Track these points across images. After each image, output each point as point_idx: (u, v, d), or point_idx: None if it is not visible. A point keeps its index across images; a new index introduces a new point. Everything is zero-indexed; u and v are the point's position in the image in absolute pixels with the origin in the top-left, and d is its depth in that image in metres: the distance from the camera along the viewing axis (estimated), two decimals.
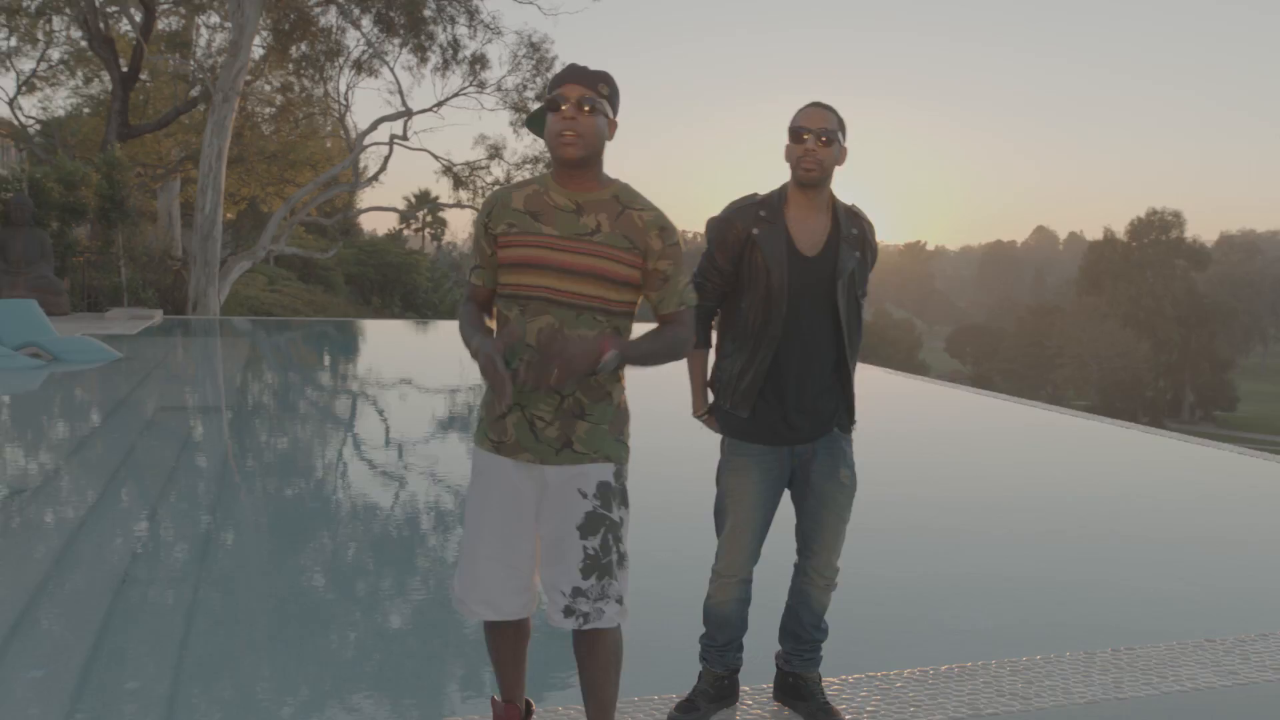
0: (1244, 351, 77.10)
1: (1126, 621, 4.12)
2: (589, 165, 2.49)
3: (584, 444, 2.50)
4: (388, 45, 24.33)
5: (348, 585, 4.37)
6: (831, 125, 2.85)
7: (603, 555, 2.49)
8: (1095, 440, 8.94)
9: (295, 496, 5.94)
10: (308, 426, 8.41)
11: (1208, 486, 7.10)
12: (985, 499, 6.32)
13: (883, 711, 3.18)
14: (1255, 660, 3.69)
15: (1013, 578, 4.75)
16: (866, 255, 2.98)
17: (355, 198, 32.09)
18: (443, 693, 3.34)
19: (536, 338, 2.45)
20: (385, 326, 19.75)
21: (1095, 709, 3.26)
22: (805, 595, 3.10)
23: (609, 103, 2.49)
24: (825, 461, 2.99)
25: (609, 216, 2.49)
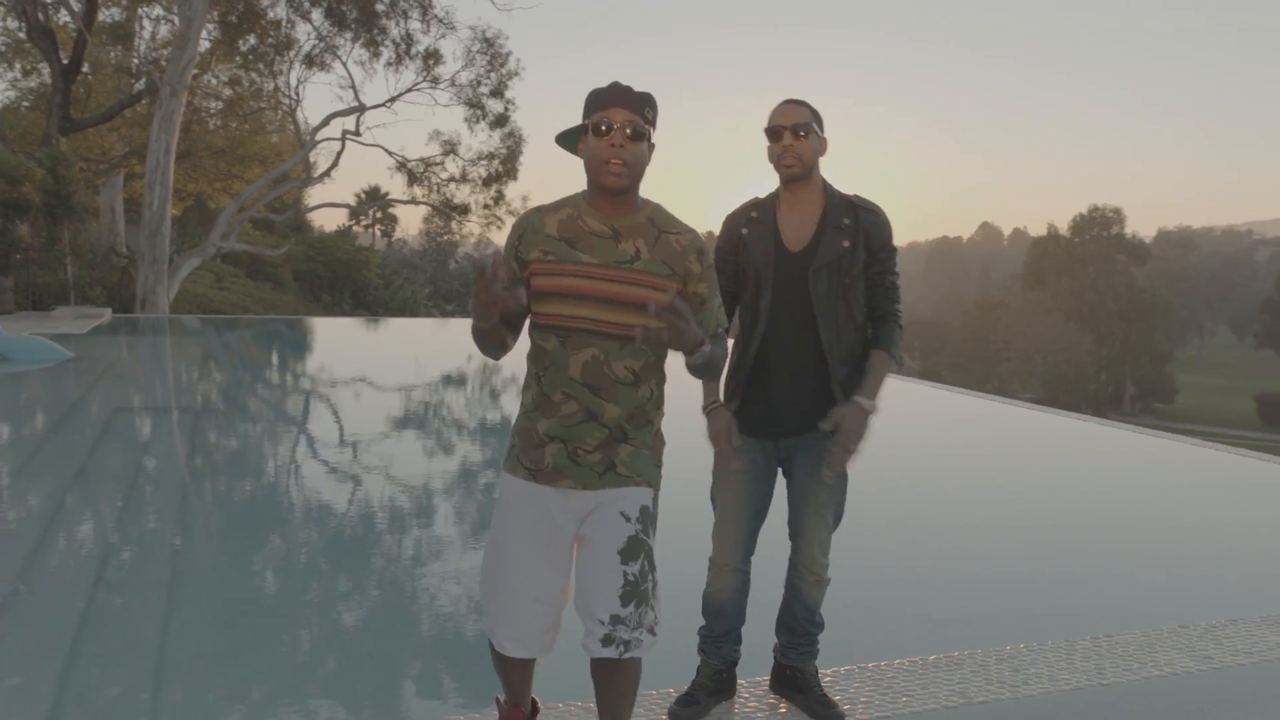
0: (1181, 345, 79.11)
1: (1103, 610, 4.24)
2: (630, 192, 2.42)
3: (628, 466, 2.45)
4: (339, 39, 24.01)
5: (318, 585, 4.33)
6: (805, 119, 2.89)
7: (641, 582, 2.44)
8: (1057, 433, 9.14)
9: (260, 497, 5.87)
10: (267, 427, 8.30)
11: (1168, 478, 7.31)
12: (958, 493, 6.44)
13: (877, 701, 3.23)
14: (1228, 645, 3.82)
15: (990, 570, 4.86)
16: (859, 245, 2.93)
17: (304, 194, 31.63)
18: (432, 692, 3.34)
19: (583, 372, 2.39)
20: (337, 324, 19.53)
21: (1080, 695, 3.35)
22: (796, 590, 3.14)
23: (652, 127, 2.41)
24: (807, 459, 3.01)
25: (647, 242, 2.41)
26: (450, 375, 12.23)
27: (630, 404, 2.43)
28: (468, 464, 7.07)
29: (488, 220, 26.41)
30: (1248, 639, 3.89)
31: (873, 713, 3.15)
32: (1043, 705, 3.27)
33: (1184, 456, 8.09)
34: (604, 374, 2.39)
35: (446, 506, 5.76)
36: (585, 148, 2.40)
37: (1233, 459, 7.98)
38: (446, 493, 6.06)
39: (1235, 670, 3.61)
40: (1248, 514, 6.21)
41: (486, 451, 7.57)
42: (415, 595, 4.23)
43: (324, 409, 9.32)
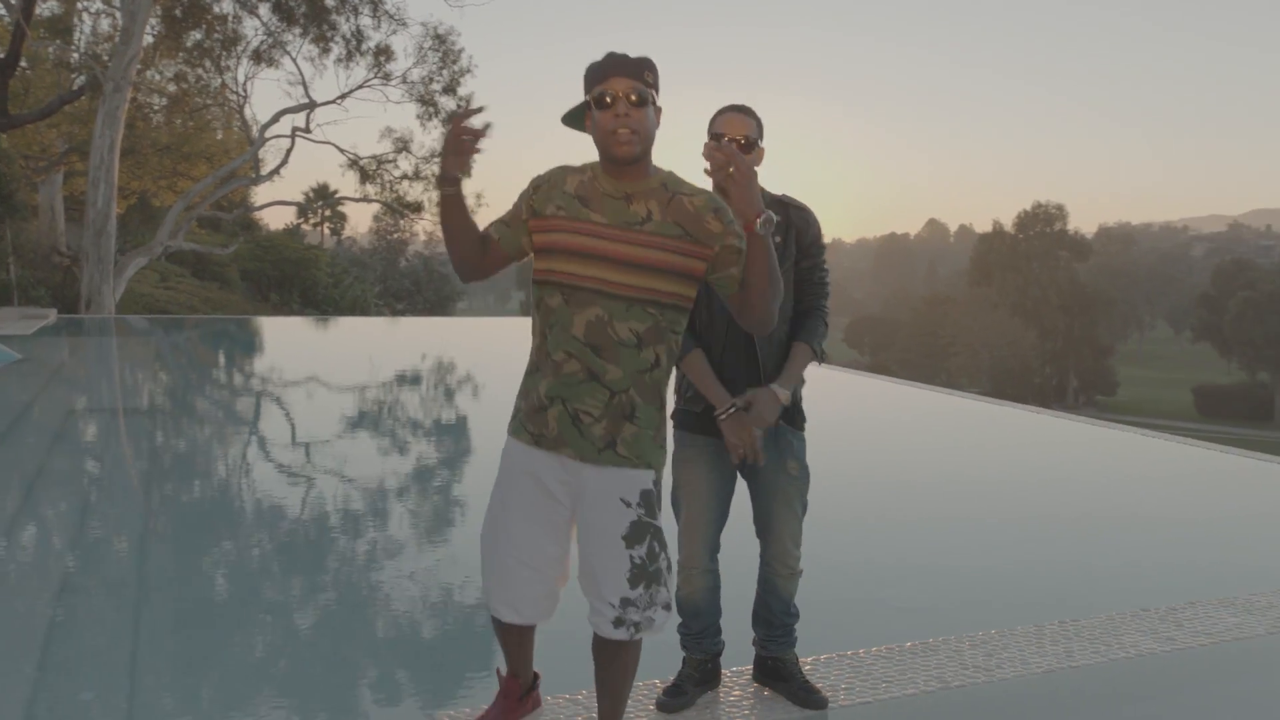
0: (1122, 338, 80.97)
1: (1069, 596, 4.36)
2: (642, 160, 2.43)
3: (628, 448, 2.44)
4: (288, 35, 23.64)
5: (272, 587, 4.30)
6: (751, 131, 2.92)
7: (650, 563, 2.46)
8: (1012, 426, 9.34)
9: (215, 500, 5.81)
10: (222, 429, 8.20)
11: (1121, 468, 7.52)
12: (921, 487, 6.56)
13: (856, 688, 3.30)
14: (1188, 626, 3.96)
15: (956, 561, 4.97)
16: (789, 241, 3.00)
17: (250, 192, 31.11)
18: (407, 690, 3.35)
19: (586, 332, 2.39)
20: (287, 324, 19.27)
21: (1052, 677, 3.45)
22: (771, 584, 3.19)
23: (655, 90, 2.41)
24: (772, 455, 3.05)
25: (659, 204, 2.41)
26: (405, 375, 12.14)
27: (632, 367, 2.41)
28: (423, 463, 7.01)
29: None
30: (1206, 620, 4.03)
31: (854, 699, 3.22)
32: (1016, 688, 3.37)
33: (1134, 447, 8.32)
34: (606, 334, 2.38)
35: (402, 507, 5.69)
36: (591, 123, 2.42)
37: (1181, 449, 8.23)
38: (401, 493, 6.00)
39: (1196, 650, 3.74)
40: (1199, 501, 6.42)
41: (442, 450, 7.53)
42: (371, 596, 4.18)
43: (278, 410, 9.21)
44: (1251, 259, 79.67)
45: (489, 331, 18.35)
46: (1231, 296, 62.44)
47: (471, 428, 8.58)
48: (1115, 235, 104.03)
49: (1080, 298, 67.86)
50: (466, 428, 8.61)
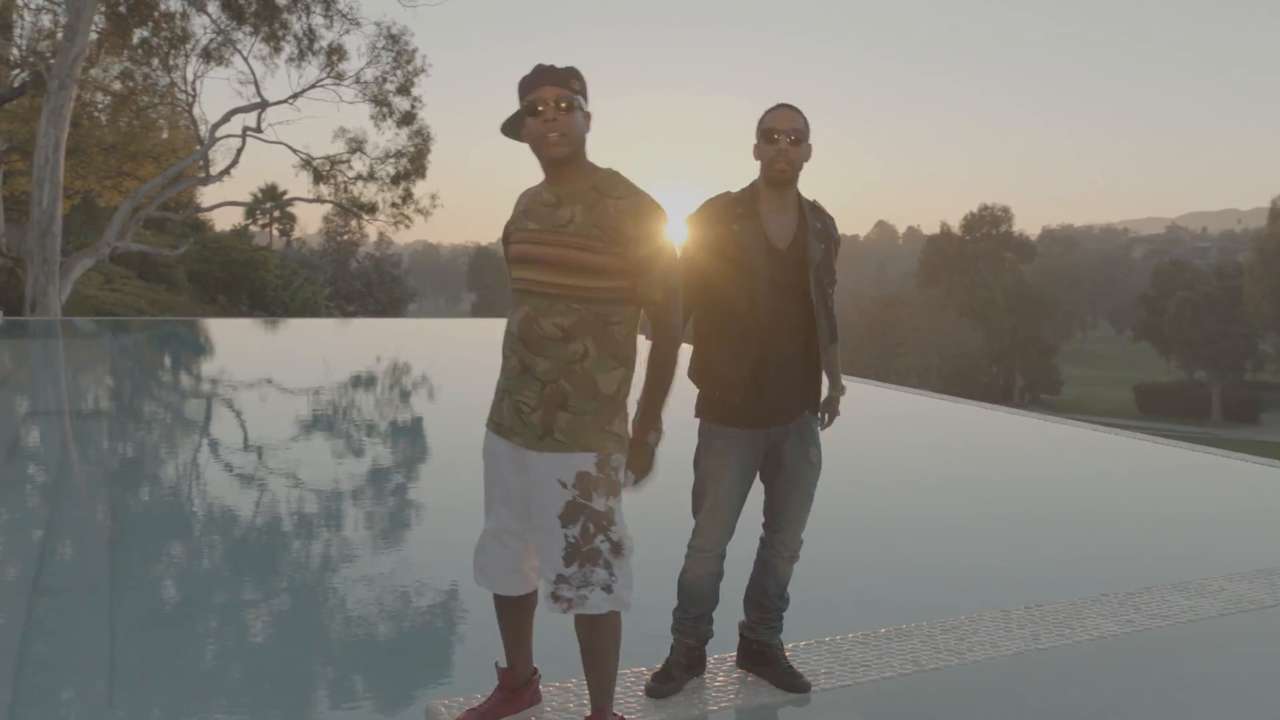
0: (1066, 338, 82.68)
1: (1032, 583, 4.53)
2: (573, 160, 2.59)
3: (565, 434, 2.56)
4: (238, 33, 23.35)
5: (224, 591, 4.25)
6: (800, 125, 3.06)
7: (583, 544, 2.57)
8: (970, 423, 9.56)
9: (169, 504, 5.76)
10: (177, 432, 8.13)
11: (1078, 462, 7.75)
12: (883, 483, 6.72)
13: (836, 671, 3.42)
14: (1146, 610, 4.14)
15: (924, 552, 5.13)
16: (830, 247, 3.20)
17: (197, 192, 30.62)
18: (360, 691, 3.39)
19: (519, 327, 2.59)
20: (238, 326, 19.01)
21: (1021, 659, 3.60)
22: (771, 567, 3.30)
23: (582, 96, 2.58)
24: (797, 442, 3.19)
25: (584, 206, 2.56)
26: (359, 377, 12.07)
27: (560, 359, 2.54)
28: (378, 466, 6.89)
29: (396, 219, 26.03)
30: (1162, 603, 4.22)
31: (834, 682, 3.34)
32: (988, 669, 3.51)
33: (1087, 442, 8.58)
34: (534, 329, 2.57)
35: (356, 510, 5.59)
36: (526, 130, 2.59)
37: (1132, 443, 8.51)
38: (356, 496, 5.89)
39: (1154, 631, 3.92)
40: (1151, 494, 6.67)
41: (397, 453, 7.45)
42: (325, 600, 4.13)
43: (233, 413, 9.10)
44: (1189, 261, 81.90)
45: (442, 333, 18.27)
46: (1170, 297, 64.08)
47: (427, 430, 8.54)
48: (1058, 237, 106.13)
49: (1025, 299, 69.16)
50: (421, 430, 8.56)
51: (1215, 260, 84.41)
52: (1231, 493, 6.78)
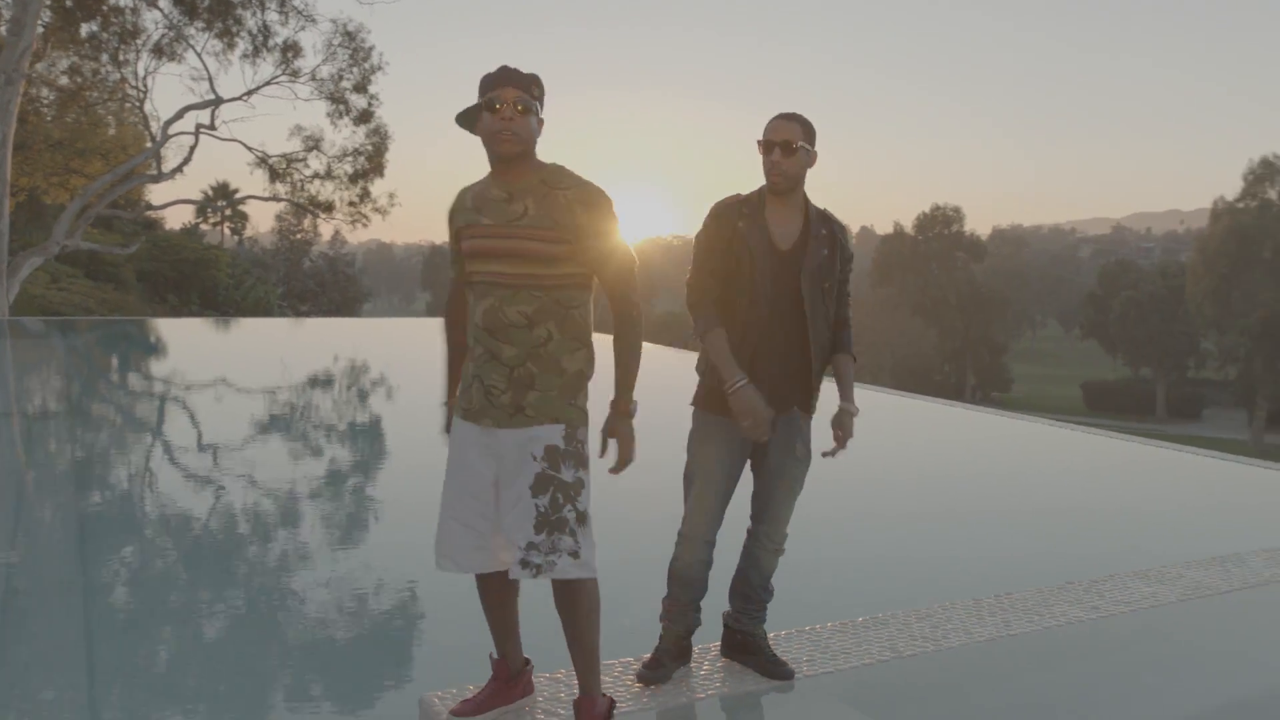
0: (1016, 337, 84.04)
1: (1002, 574, 4.67)
2: (523, 159, 2.71)
3: (535, 409, 2.70)
4: (191, 29, 23.01)
5: (178, 595, 4.24)
6: (794, 136, 3.13)
7: (552, 513, 2.68)
8: (932, 420, 9.75)
9: (124, 506, 5.72)
10: (134, 433, 8.04)
11: (1039, 457, 7.95)
12: (850, 480, 6.84)
13: (817, 659, 3.51)
14: (1110, 596, 4.29)
15: (896, 546, 5.25)
16: (835, 254, 3.25)
17: (145, 190, 30.08)
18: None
19: (483, 318, 2.69)
20: (190, 326, 18.73)
21: (994, 645, 3.72)
22: (755, 558, 3.38)
23: (539, 103, 2.71)
24: (784, 437, 3.27)
25: (535, 200, 2.70)
26: (316, 377, 11.99)
27: (525, 344, 2.68)
28: (336, 467, 6.83)
29: (353, 218, 25.80)
30: (1125, 590, 4.37)
31: (816, 669, 3.43)
32: (962, 655, 3.63)
33: (1043, 436, 8.79)
34: (499, 319, 2.68)
35: (314, 511, 5.53)
36: (481, 124, 2.69)
37: (1087, 438, 8.74)
38: (314, 497, 5.83)
39: (1118, 617, 4.07)
40: (1108, 485, 6.87)
41: (356, 453, 7.41)
42: (283, 602, 4.10)
43: (188, 414, 9.01)
44: (1134, 260, 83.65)
45: (397, 333, 18.16)
46: (1116, 296, 65.37)
47: (386, 430, 8.49)
48: (1008, 237, 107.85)
49: (977, 298, 70.18)
50: (380, 430, 8.51)
51: (1159, 260, 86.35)
52: (1184, 485, 7.01)
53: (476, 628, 3.03)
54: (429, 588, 4.27)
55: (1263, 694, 3.54)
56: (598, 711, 2.80)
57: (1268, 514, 6.23)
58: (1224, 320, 55.81)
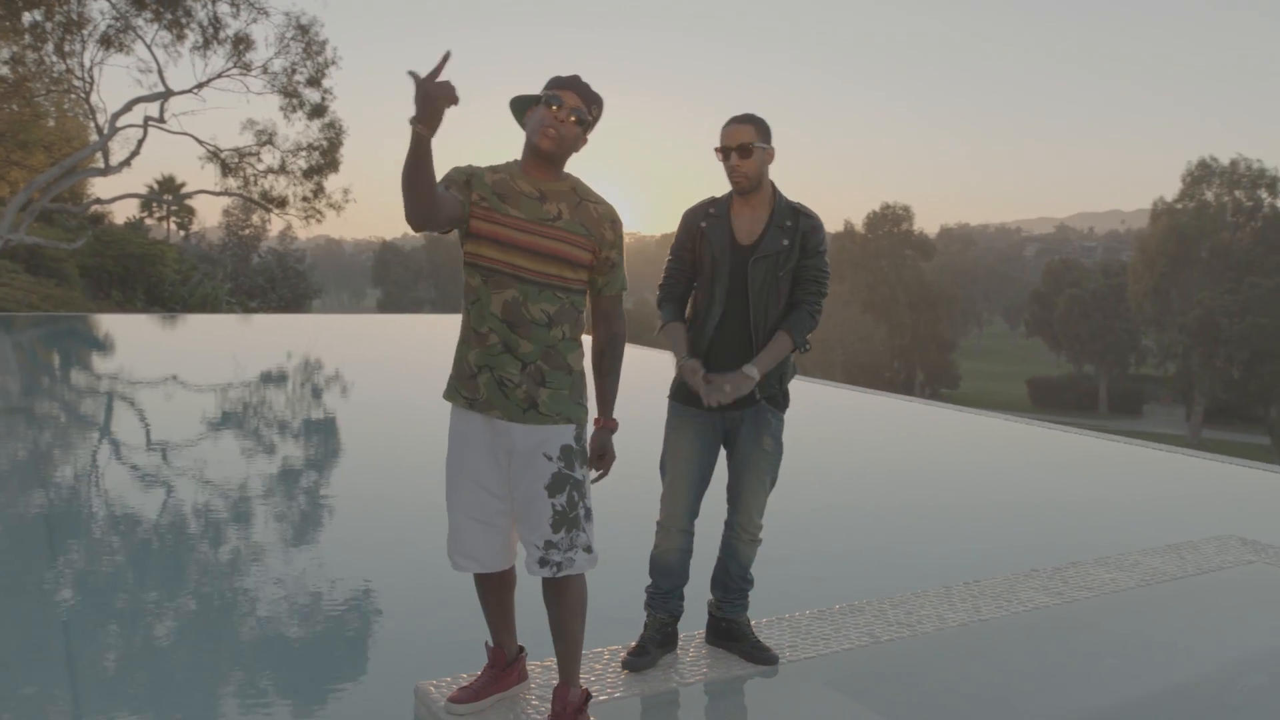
0: (963, 334, 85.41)
1: (971, 563, 4.82)
2: (556, 161, 2.77)
3: (548, 406, 2.75)
4: (139, 19, 22.56)
5: (126, 595, 4.21)
6: (749, 138, 3.24)
7: (569, 510, 2.75)
8: (891, 416, 9.94)
9: (72, 505, 5.68)
10: (81, 431, 7.94)
11: (999, 453, 8.16)
12: (818, 475, 6.98)
13: (799, 645, 3.62)
14: (1073, 582, 4.45)
15: (867, 537, 5.38)
16: (795, 244, 3.30)
17: (90, 184, 29.45)
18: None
19: (502, 310, 2.71)
20: (137, 322, 18.39)
21: (966, 630, 3.86)
22: (732, 549, 3.48)
23: (592, 125, 2.79)
24: (750, 430, 3.36)
25: (569, 206, 2.77)
26: (269, 374, 11.87)
27: (542, 343, 2.74)
28: (288, 464, 6.72)
29: (307, 214, 25.50)
30: (1088, 577, 4.54)
31: (798, 654, 3.53)
32: (937, 640, 3.76)
33: (1001, 431, 9.02)
34: (521, 314, 2.72)
35: (265, 509, 5.46)
36: (532, 115, 2.75)
37: (1043, 432, 8.98)
38: (266, 495, 5.75)
39: (1081, 602, 4.23)
40: (1066, 477, 7.08)
41: (310, 450, 7.32)
42: (235, 601, 4.03)
43: (137, 412, 8.89)
44: (1077, 259, 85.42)
45: (348, 328, 18.02)
46: (1060, 294, 66.76)
47: (341, 426, 8.40)
48: (956, 235, 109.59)
49: (926, 295, 71.21)
50: (335, 427, 8.43)
51: (1101, 259, 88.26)
52: (1137, 477, 7.25)
53: (468, 617, 3.08)
54: (418, 580, 4.31)
55: (1217, 670, 3.71)
56: (571, 699, 2.83)
57: (1216, 504, 6.48)
58: (1163, 318, 57.27)
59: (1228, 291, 52.67)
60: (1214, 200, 58.34)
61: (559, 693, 2.85)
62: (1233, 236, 57.08)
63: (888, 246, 72.79)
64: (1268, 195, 57.26)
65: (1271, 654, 3.92)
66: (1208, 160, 58.78)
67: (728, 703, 3.31)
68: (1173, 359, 56.57)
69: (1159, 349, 59.06)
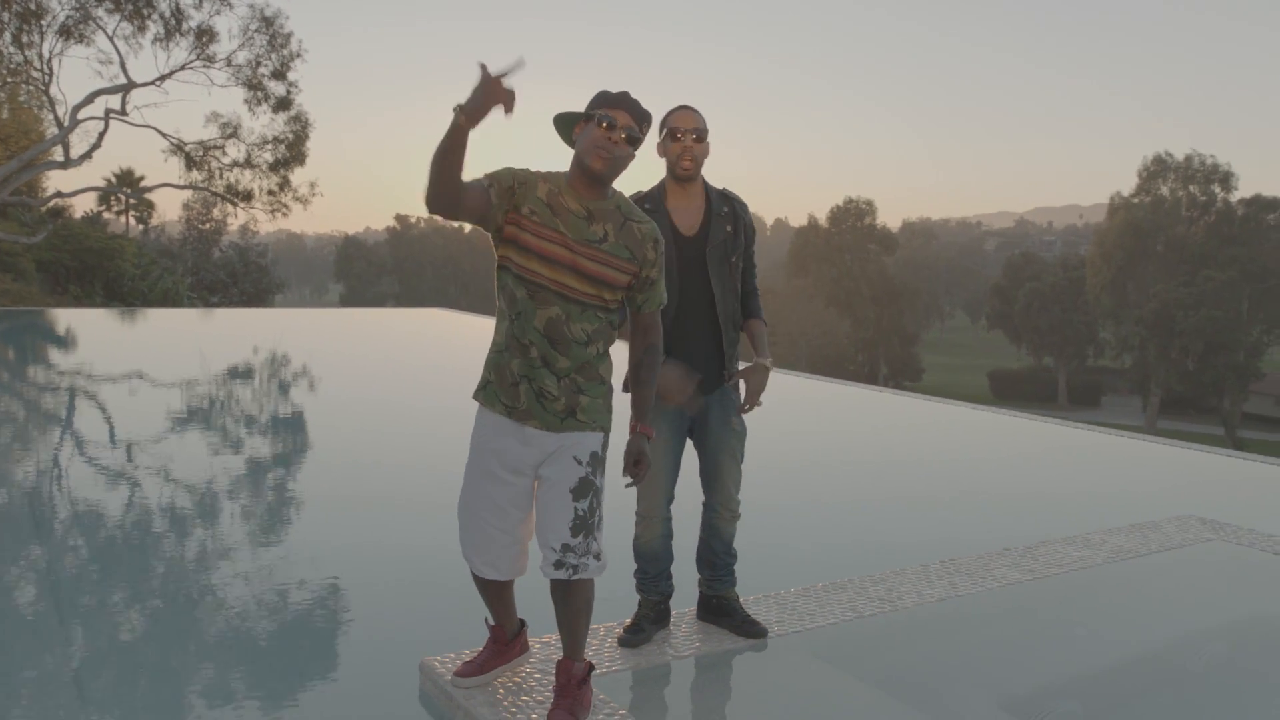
0: (926, 327, 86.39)
1: (945, 543, 4.98)
2: (606, 181, 2.80)
3: (585, 414, 2.82)
4: (99, 10, 22.26)
5: (91, 594, 4.30)
6: (702, 125, 3.38)
7: (589, 516, 2.83)
8: (857, 406, 10.14)
9: (30, 503, 5.71)
10: (41, 428, 7.92)
11: (966, 440, 8.37)
12: (787, 463, 7.14)
13: (785, 620, 3.76)
14: (1044, 560, 4.64)
15: (843, 523, 5.54)
16: (739, 229, 3.48)
17: (45, 177, 28.94)
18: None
19: (545, 326, 2.74)
20: (97, 317, 18.16)
21: (944, 605, 4.03)
22: (714, 528, 3.61)
23: (641, 142, 2.82)
24: (719, 412, 3.51)
25: (614, 226, 2.80)
26: (235, 368, 11.83)
27: (579, 359, 2.80)
28: (255, 460, 6.61)
29: (273, 207, 25.32)
30: (1057, 554, 4.74)
31: (785, 629, 3.68)
32: (917, 614, 3.92)
33: (966, 420, 9.25)
34: (563, 331, 2.77)
35: (233, 505, 5.40)
36: (582, 133, 2.78)
37: (1009, 420, 9.22)
38: (232, 492, 5.67)
39: (1051, 579, 4.42)
40: (1033, 463, 7.30)
41: (278, 445, 7.27)
42: (201, 598, 3.96)
43: (101, 408, 8.83)
44: (1036, 253, 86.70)
45: (313, 323, 17.91)
46: (1020, 288, 67.72)
47: (309, 421, 8.36)
48: (918, 230, 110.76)
49: (889, 289, 71.91)
50: (303, 422, 8.38)
51: (1060, 253, 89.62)
52: (1099, 462, 7.49)
53: (472, 593, 3.17)
54: (423, 556, 4.40)
55: (1180, 640, 3.91)
56: (576, 672, 2.91)
57: (1175, 486, 6.73)
58: (1120, 310, 58.33)
59: (1182, 284, 53.78)
60: (1169, 195, 59.49)
61: (563, 665, 2.96)
62: (1187, 230, 58.26)
63: (851, 240, 73.37)
64: (1221, 190, 58.50)
65: (1230, 625, 4.12)
66: (1163, 156, 59.94)
67: (719, 674, 3.44)
68: (1129, 351, 57.67)
69: (1116, 341, 60.15)
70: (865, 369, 70.63)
